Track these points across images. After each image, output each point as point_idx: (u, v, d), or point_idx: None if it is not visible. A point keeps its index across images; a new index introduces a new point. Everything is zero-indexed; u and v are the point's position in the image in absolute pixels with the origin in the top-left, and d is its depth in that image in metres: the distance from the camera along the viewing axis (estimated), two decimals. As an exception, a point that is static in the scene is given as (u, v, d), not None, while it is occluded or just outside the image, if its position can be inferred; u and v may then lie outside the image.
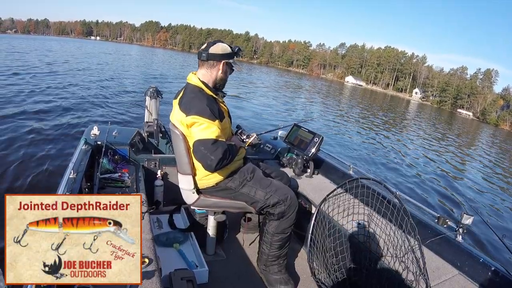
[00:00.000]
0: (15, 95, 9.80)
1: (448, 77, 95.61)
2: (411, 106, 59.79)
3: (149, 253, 1.58)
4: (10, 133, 6.14)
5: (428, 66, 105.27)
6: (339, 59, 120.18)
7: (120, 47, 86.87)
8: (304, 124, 3.36)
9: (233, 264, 2.44)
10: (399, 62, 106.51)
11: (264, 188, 2.14)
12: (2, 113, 7.44)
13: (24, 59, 22.43)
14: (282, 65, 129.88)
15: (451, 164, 13.01)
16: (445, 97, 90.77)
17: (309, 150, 3.03)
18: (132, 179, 2.46)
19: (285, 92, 29.06)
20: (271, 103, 19.12)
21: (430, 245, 2.03)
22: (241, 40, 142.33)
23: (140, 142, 3.17)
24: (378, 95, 69.23)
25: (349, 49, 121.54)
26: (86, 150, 2.58)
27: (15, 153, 5.21)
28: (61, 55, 31.40)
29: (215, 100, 2.10)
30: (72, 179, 2.02)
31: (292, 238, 2.30)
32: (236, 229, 2.83)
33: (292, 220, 2.19)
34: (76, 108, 9.35)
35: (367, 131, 16.16)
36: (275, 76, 57.66)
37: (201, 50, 2.09)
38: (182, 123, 1.99)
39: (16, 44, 41.92)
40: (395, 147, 13.32)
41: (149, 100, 3.58)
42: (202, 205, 2.25)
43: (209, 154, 1.88)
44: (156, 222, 2.69)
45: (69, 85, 13.46)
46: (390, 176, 8.62)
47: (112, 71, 22.49)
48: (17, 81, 12.80)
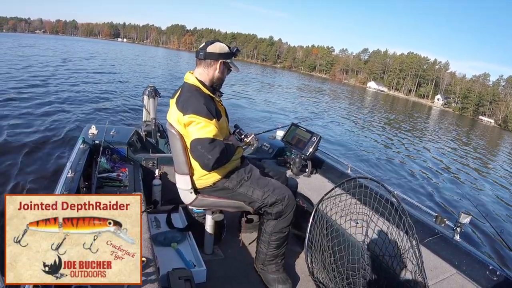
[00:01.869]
0: (16, 94, 9.77)
1: (470, 84, 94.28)
2: (432, 113, 59.06)
3: (147, 252, 1.58)
4: (8, 132, 6.12)
5: (451, 72, 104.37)
6: (362, 65, 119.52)
7: (147, 49, 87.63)
8: (305, 123, 3.37)
9: (231, 264, 2.44)
10: (422, 68, 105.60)
11: (261, 188, 2.14)
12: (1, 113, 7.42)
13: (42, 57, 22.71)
14: (305, 69, 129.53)
15: (452, 165, 13.06)
16: (467, 103, 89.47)
17: (307, 150, 3.04)
18: (130, 179, 2.45)
19: (305, 95, 29.42)
20: (287, 106, 19.25)
21: (428, 244, 2.04)
22: (265, 44, 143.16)
23: (138, 141, 3.17)
24: (399, 101, 68.92)
25: (372, 54, 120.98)
26: (84, 149, 2.58)
27: (13, 152, 5.19)
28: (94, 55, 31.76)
29: (212, 99, 2.10)
30: (70, 178, 2.02)
31: (290, 238, 2.30)
32: (234, 228, 2.83)
33: (290, 220, 2.19)
34: (80, 106, 9.37)
35: (376, 133, 16.23)
36: (297, 80, 58.28)
37: (199, 49, 2.09)
38: (179, 122, 1.98)
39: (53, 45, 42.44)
40: (399, 149, 13.35)
41: (147, 99, 3.58)
42: (200, 205, 2.25)
43: (206, 153, 1.88)
44: (154, 222, 2.69)
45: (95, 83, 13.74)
46: (388, 176, 8.65)
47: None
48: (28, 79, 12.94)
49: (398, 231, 1.89)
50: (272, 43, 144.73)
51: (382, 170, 9.10)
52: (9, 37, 66.84)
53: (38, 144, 5.78)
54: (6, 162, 4.82)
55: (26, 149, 5.43)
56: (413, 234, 1.73)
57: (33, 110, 8.18)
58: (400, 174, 9.24)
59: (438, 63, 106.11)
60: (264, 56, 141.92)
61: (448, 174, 11.04)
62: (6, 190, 4.04)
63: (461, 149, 18.36)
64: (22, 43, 40.35)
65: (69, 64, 22.93)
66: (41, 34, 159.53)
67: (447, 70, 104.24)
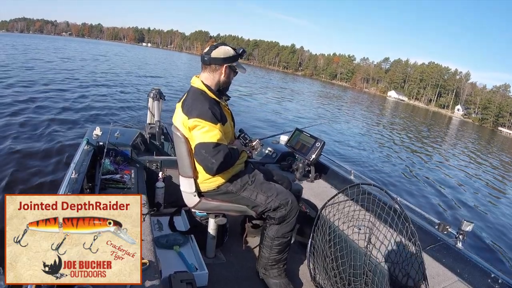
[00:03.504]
0: (21, 94, 9.85)
1: (490, 94, 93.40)
2: (451, 123, 58.57)
3: (149, 255, 1.59)
4: (13, 132, 6.16)
5: (472, 83, 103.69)
6: (383, 74, 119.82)
7: (171, 54, 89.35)
8: (309, 128, 3.37)
9: (233, 268, 2.44)
10: (442, 78, 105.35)
11: (265, 192, 2.14)
12: (6, 113, 7.47)
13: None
14: (325, 77, 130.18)
15: (457, 173, 12.98)
16: (486, 114, 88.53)
17: (311, 155, 3.04)
18: (133, 181, 2.46)
19: (324, 102, 29.80)
20: (304, 113, 19.39)
21: (430, 251, 2.03)
22: (287, 52, 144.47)
23: (142, 143, 3.18)
24: (419, 111, 68.84)
25: (392, 64, 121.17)
26: (88, 150, 2.59)
27: (17, 152, 5.23)
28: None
29: (218, 103, 2.10)
30: (73, 179, 2.03)
31: (292, 243, 2.30)
32: (237, 232, 2.83)
33: (293, 225, 2.18)
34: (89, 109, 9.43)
35: (385, 140, 16.20)
36: (318, 87, 58.88)
37: (204, 54, 2.09)
38: (184, 125, 1.99)
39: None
40: (404, 156, 13.27)
41: (152, 101, 3.59)
42: (203, 208, 2.25)
43: (210, 157, 1.89)
44: (156, 224, 2.69)
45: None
46: (392, 182, 8.60)
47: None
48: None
49: (400, 238, 1.88)
50: (294, 51, 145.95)
51: (385, 177, 9.05)
52: (34, 38, 67.67)
53: (43, 144, 5.81)
54: (10, 162, 4.85)
55: (30, 149, 5.47)
56: (416, 241, 1.72)
57: (39, 110, 8.25)
58: (404, 181, 9.17)
59: (459, 73, 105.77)
60: (286, 64, 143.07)
61: (452, 182, 10.96)
62: (9, 189, 4.05)
63: (471, 159, 18.21)
64: (49, 45, 40.70)
65: (79, 64, 23.29)
66: (67, 37, 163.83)
67: (468, 81, 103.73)
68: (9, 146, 5.41)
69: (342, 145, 11.83)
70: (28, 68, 16.14)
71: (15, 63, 17.97)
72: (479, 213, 8.28)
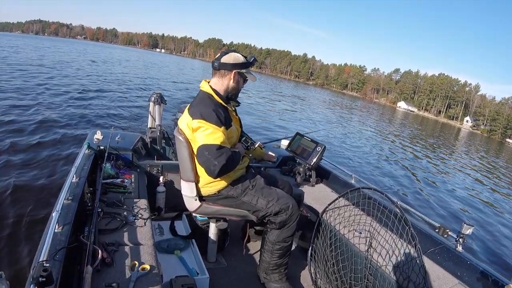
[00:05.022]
0: (23, 97, 9.86)
1: (499, 106, 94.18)
2: (460, 134, 58.53)
3: (150, 259, 1.59)
4: (14, 136, 6.16)
5: (482, 95, 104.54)
6: (393, 84, 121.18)
7: (184, 61, 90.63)
8: (309, 133, 3.38)
9: (234, 272, 2.44)
10: (452, 89, 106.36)
11: (266, 197, 2.14)
12: (8, 117, 7.47)
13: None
14: (336, 87, 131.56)
15: (455, 177, 13.01)
16: (495, 126, 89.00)
17: (311, 159, 3.04)
18: (134, 185, 2.46)
19: (335, 111, 30.05)
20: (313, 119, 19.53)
21: (431, 255, 2.03)
22: (299, 61, 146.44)
23: (143, 147, 3.18)
24: (428, 122, 69.29)
25: (403, 75, 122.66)
26: (89, 154, 2.59)
27: (18, 156, 5.22)
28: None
29: (225, 108, 2.11)
30: (74, 184, 2.03)
31: (293, 247, 2.30)
32: (238, 237, 2.83)
33: (293, 229, 2.19)
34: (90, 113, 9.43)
35: (391, 146, 16.30)
36: (329, 96, 59.57)
37: (214, 59, 2.13)
38: (188, 126, 2.00)
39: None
40: (407, 162, 13.31)
41: (153, 106, 3.59)
42: (204, 212, 2.25)
43: (213, 159, 1.90)
44: (157, 229, 2.69)
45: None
46: (392, 186, 8.61)
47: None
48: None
49: (401, 242, 1.88)
50: (305, 60, 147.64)
51: (386, 181, 9.06)
52: (54, 41, 67.47)
53: (44, 148, 5.79)
54: (11, 166, 4.84)
55: (31, 153, 5.46)
56: (416, 244, 1.73)
57: (40, 113, 8.23)
58: (404, 185, 9.19)
59: (468, 85, 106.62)
60: (298, 73, 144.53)
61: (452, 186, 10.98)
62: (10, 194, 4.05)
63: (475, 168, 18.23)
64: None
65: (86, 68, 23.39)
66: (82, 40, 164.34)
67: (478, 92, 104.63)
68: (10, 150, 5.41)
69: (346, 150, 11.84)
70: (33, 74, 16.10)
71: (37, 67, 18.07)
72: (479, 217, 8.29)
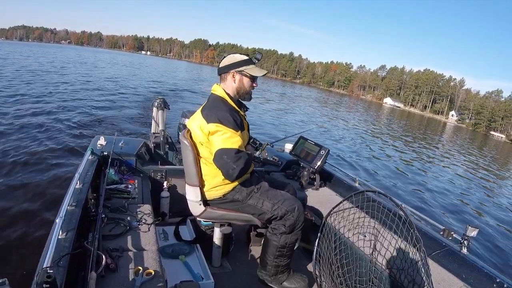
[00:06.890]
0: (25, 102, 9.92)
1: (483, 100, 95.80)
2: (446, 129, 58.91)
3: (155, 264, 1.59)
4: (17, 142, 6.19)
5: (466, 89, 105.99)
6: (379, 81, 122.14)
7: (170, 63, 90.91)
8: (312, 135, 3.38)
9: (239, 276, 2.43)
10: (437, 85, 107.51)
11: (271, 199, 2.14)
12: (10, 121, 7.51)
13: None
14: (323, 85, 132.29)
15: (458, 177, 12.95)
16: (479, 119, 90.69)
17: (315, 163, 3.05)
18: (138, 190, 2.47)
19: (323, 109, 30.31)
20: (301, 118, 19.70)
21: (436, 257, 2.03)
22: (285, 60, 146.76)
23: (146, 153, 3.18)
24: (415, 117, 69.90)
25: (389, 71, 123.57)
26: (92, 160, 2.60)
27: (22, 163, 5.24)
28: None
29: (237, 112, 2.12)
30: (78, 190, 2.04)
31: (298, 250, 2.30)
32: (242, 241, 2.83)
33: (299, 233, 2.19)
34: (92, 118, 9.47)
35: (385, 147, 16.24)
36: (316, 94, 60.15)
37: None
38: (202, 129, 1.99)
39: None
40: (405, 161, 13.28)
41: (156, 111, 3.61)
42: (208, 217, 2.25)
43: (232, 163, 1.90)
44: (162, 234, 2.70)
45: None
46: (396, 189, 8.59)
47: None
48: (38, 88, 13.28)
49: (405, 244, 1.88)
50: (292, 59, 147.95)
51: (390, 184, 9.04)
52: (41, 47, 68.05)
53: (47, 155, 5.81)
54: (14, 172, 4.86)
55: (35, 159, 5.48)
56: (421, 247, 1.72)
57: (42, 119, 8.27)
58: (408, 187, 9.16)
59: (453, 80, 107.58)
60: (284, 72, 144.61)
61: (455, 187, 10.94)
62: (14, 200, 4.06)
63: (470, 164, 18.22)
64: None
65: (83, 73, 23.58)
66: (66, 45, 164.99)
67: (463, 87, 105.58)
68: (13, 156, 5.44)
69: (343, 152, 11.83)
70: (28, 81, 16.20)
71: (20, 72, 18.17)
72: (484, 218, 8.25)
